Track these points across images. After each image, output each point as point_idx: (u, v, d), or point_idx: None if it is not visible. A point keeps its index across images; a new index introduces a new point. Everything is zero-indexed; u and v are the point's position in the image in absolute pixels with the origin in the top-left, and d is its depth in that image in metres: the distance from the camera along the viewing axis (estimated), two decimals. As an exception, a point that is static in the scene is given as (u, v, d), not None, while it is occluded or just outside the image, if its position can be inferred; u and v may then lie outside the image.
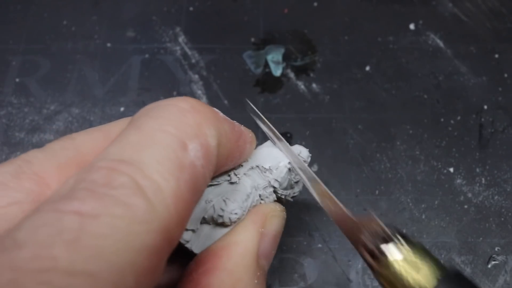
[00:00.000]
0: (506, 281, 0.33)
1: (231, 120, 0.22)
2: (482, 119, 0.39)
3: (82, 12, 0.44)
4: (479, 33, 0.43)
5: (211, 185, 0.25)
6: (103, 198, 0.15)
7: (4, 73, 0.41)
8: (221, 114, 0.21)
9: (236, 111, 0.39)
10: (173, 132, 0.17)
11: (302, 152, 0.27)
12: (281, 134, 0.39)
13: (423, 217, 0.35)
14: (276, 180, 0.25)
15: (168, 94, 0.40)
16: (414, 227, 0.35)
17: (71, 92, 0.41)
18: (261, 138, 0.27)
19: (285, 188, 0.26)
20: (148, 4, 0.45)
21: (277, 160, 0.26)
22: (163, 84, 0.41)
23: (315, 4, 0.45)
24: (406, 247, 0.21)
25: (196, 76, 0.41)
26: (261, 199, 0.25)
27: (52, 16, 0.44)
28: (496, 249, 0.34)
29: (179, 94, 0.41)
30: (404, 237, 0.21)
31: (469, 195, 0.36)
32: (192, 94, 0.40)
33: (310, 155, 0.27)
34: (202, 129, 0.18)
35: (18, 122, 0.40)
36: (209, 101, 0.40)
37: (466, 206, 0.36)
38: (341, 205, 0.23)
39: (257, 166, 0.25)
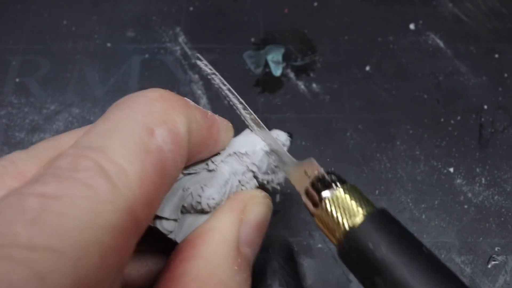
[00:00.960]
0: (506, 281, 0.33)
1: (204, 109, 0.22)
2: (482, 119, 0.39)
3: (82, 12, 0.44)
4: (479, 33, 0.43)
5: (189, 174, 0.25)
6: (66, 180, 0.15)
7: (4, 73, 0.41)
8: (191, 102, 0.21)
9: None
10: (139, 119, 0.18)
11: (279, 135, 0.27)
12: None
13: (423, 217, 0.35)
14: (253, 163, 0.25)
15: (168, 94, 0.40)
16: (414, 227, 0.35)
17: (71, 92, 0.41)
18: (241, 129, 0.27)
19: (266, 173, 0.26)
20: (148, 4, 0.45)
21: (253, 144, 0.26)
22: (163, 84, 0.41)
23: (315, 4, 0.45)
24: (340, 189, 0.22)
25: (196, 76, 0.41)
26: (242, 185, 0.25)
27: (52, 16, 0.44)
28: (496, 249, 0.34)
29: (179, 94, 0.40)
30: (342, 181, 0.23)
31: (469, 195, 0.36)
32: (192, 94, 0.40)
33: (290, 138, 0.27)
34: (170, 116, 0.19)
35: (18, 122, 0.40)
36: (209, 101, 0.40)
37: (466, 206, 0.36)
38: (288, 154, 0.25)
39: (234, 153, 0.25)
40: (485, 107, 0.40)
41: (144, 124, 0.18)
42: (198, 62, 0.27)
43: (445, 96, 0.40)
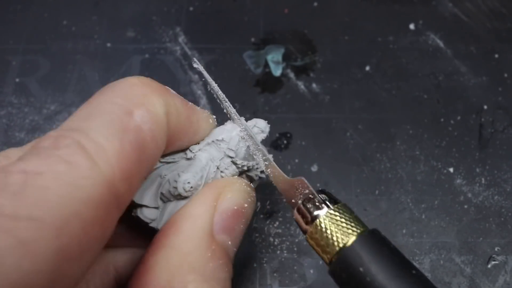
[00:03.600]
0: (506, 281, 0.33)
1: (184, 99, 0.24)
2: (482, 119, 0.39)
3: (82, 12, 0.44)
4: (479, 33, 0.43)
5: (167, 163, 0.25)
6: (48, 158, 0.17)
7: (4, 73, 0.41)
8: (172, 91, 0.23)
9: (236, 111, 0.39)
10: (119, 102, 0.19)
11: (258, 122, 0.27)
12: (281, 134, 0.39)
13: (423, 217, 0.35)
14: (230, 149, 0.26)
15: (168, 94, 0.40)
16: (414, 227, 0.35)
17: (71, 92, 0.41)
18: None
19: (245, 159, 0.26)
20: (148, 4, 0.45)
21: (230, 131, 0.26)
22: (163, 84, 0.41)
23: (315, 4, 0.45)
24: (332, 210, 0.23)
25: (196, 76, 0.41)
26: (221, 172, 0.26)
27: (52, 16, 0.44)
28: (496, 249, 0.34)
29: (179, 94, 0.41)
30: (334, 200, 0.23)
31: (469, 195, 0.36)
32: (192, 94, 0.40)
33: (269, 125, 0.28)
34: (148, 98, 0.20)
35: (18, 122, 0.40)
36: (209, 101, 0.40)
37: (466, 206, 0.36)
38: (279, 169, 0.25)
39: (213, 141, 0.26)
40: (485, 107, 0.40)
41: (123, 105, 0.19)
42: (194, 64, 0.27)
43: (445, 96, 0.40)
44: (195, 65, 0.27)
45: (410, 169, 0.37)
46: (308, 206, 0.23)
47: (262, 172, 0.27)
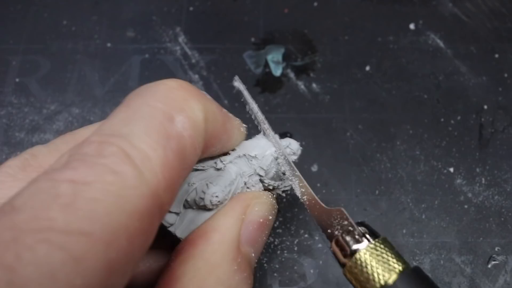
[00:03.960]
0: (506, 281, 0.33)
1: (219, 105, 0.23)
2: (482, 119, 0.39)
3: (82, 12, 0.44)
4: (479, 33, 0.43)
5: (196, 170, 0.25)
6: (95, 166, 0.16)
7: (4, 73, 0.41)
8: (208, 95, 0.22)
9: (236, 111, 0.39)
10: (160, 106, 0.19)
11: (291, 144, 0.27)
12: (281, 134, 0.39)
13: (423, 217, 0.35)
14: (261, 168, 0.26)
15: (168, 94, 0.40)
16: (414, 227, 0.35)
17: (71, 92, 0.41)
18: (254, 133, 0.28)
19: (273, 179, 0.26)
20: (148, 4, 0.45)
21: (263, 149, 0.26)
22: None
23: (315, 4, 0.45)
24: (373, 244, 0.22)
25: (196, 76, 0.41)
26: (247, 187, 0.25)
27: (52, 16, 0.44)
28: (496, 249, 0.34)
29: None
30: (374, 233, 0.23)
31: (469, 195, 0.36)
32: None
33: (301, 148, 0.28)
34: (188, 103, 0.20)
35: (18, 122, 0.40)
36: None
37: (466, 206, 0.36)
38: (316, 198, 0.24)
39: (244, 155, 0.26)
40: (485, 107, 0.40)
41: (164, 111, 0.19)
42: (235, 82, 0.27)
43: (445, 96, 0.40)
44: (235, 83, 0.27)
45: (410, 169, 0.37)
46: (346, 239, 0.23)
47: (284, 192, 0.27)
